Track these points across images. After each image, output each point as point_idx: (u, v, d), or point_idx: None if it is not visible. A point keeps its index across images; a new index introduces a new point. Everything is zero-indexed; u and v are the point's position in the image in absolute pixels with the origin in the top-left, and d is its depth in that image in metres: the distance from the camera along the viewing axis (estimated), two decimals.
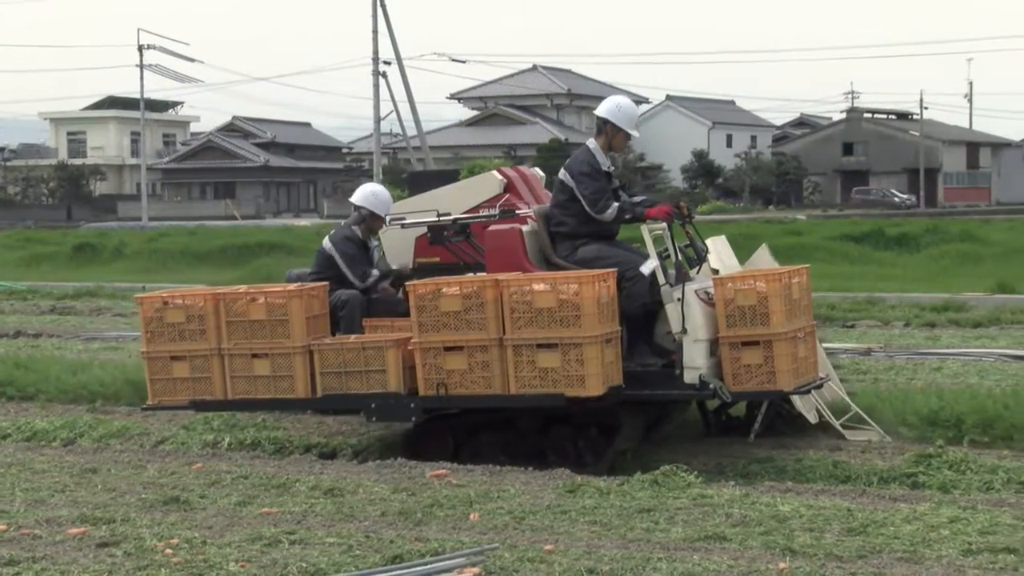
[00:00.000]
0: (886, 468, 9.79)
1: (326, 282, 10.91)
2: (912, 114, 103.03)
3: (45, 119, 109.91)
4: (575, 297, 9.56)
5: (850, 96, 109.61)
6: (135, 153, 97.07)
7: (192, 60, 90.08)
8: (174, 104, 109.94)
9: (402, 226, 11.23)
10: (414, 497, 8.91)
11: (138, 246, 41.29)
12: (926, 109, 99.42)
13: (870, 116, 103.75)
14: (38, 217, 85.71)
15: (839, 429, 11.03)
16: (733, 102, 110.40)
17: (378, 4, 54.90)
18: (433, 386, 9.94)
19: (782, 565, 7.07)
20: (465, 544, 7.61)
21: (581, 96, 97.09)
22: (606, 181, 10.52)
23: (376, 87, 57.14)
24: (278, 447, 11.23)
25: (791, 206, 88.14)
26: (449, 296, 9.86)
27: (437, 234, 10.90)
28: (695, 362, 9.80)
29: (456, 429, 10.59)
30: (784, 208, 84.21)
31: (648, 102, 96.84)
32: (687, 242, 10.38)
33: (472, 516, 8.34)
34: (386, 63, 56.00)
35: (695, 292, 9.92)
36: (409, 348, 10.05)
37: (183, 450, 11.21)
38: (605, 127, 10.62)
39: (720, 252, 11.10)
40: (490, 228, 10.57)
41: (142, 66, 78.02)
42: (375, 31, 56.59)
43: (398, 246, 11.36)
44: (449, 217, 10.90)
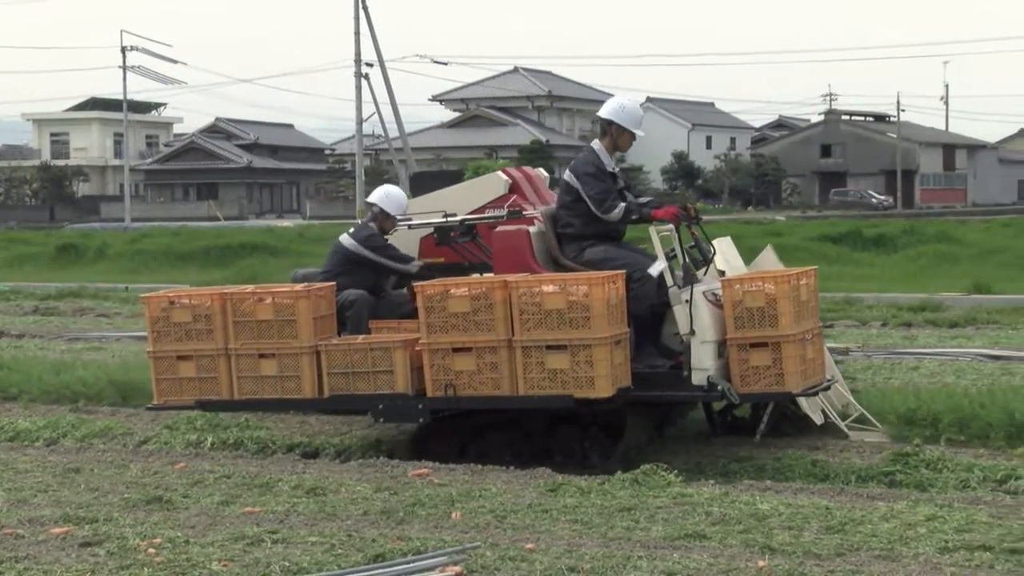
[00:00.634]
0: (864, 467, 9.85)
1: (333, 282, 10.89)
2: (889, 116, 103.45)
3: (28, 120, 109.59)
4: (585, 298, 9.52)
5: (828, 98, 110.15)
6: (118, 154, 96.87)
7: (175, 62, 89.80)
8: (157, 105, 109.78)
9: (409, 227, 11.24)
10: (396, 496, 8.94)
11: (121, 247, 41.19)
12: (903, 111, 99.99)
13: (848, 118, 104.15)
14: (21, 218, 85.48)
15: (844, 430, 11.05)
16: (713, 104, 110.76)
17: (360, 6, 54.90)
18: (441, 387, 9.90)
19: (761, 563, 7.13)
20: (447, 543, 7.64)
21: (562, 98, 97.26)
22: (611, 182, 10.46)
23: (358, 89, 57.11)
24: (261, 446, 11.24)
25: (770, 207, 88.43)
26: (458, 297, 9.82)
27: (444, 235, 10.90)
28: (703, 364, 9.77)
29: (462, 429, 10.54)
30: (763, 209, 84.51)
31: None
32: (692, 243, 10.32)
33: (454, 515, 8.38)
34: (368, 65, 55.99)
35: (703, 294, 9.93)
36: (417, 349, 10.02)
37: (166, 450, 11.22)
38: (609, 128, 10.57)
39: (726, 253, 11.04)
40: (498, 229, 10.53)
41: (125, 67, 77.89)
42: (357, 33, 56.58)
43: (402, 247, 11.35)
44: (457, 218, 10.90)
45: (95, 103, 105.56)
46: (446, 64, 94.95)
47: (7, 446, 11.61)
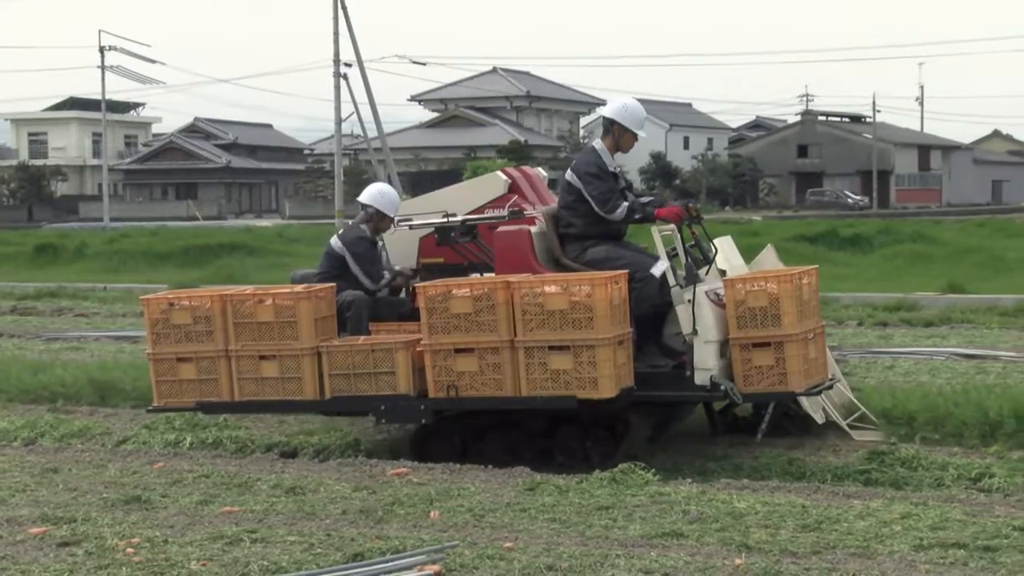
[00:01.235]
0: (840, 465, 9.91)
1: (333, 283, 10.88)
2: (865, 117, 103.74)
3: (6, 120, 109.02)
4: (587, 299, 9.48)
5: (805, 99, 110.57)
6: (96, 154, 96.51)
7: (154, 61, 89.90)
8: (136, 105, 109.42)
9: (410, 227, 11.21)
10: (375, 495, 8.96)
11: (99, 247, 41.05)
12: (879, 112, 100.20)
13: (824, 119, 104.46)
14: None
15: (846, 429, 11.08)
16: (690, 105, 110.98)
17: (339, 6, 54.79)
18: (443, 388, 9.87)
19: (738, 561, 7.17)
20: (425, 542, 7.67)
21: (540, 98, 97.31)
22: (614, 181, 10.46)
23: (337, 89, 56.93)
24: (240, 446, 11.24)
25: (747, 207, 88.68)
26: (460, 298, 9.78)
27: (444, 235, 10.88)
28: (706, 363, 9.76)
29: (463, 430, 10.48)
30: (740, 209, 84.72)
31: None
32: (692, 242, 10.30)
33: (432, 514, 8.40)
34: (347, 65, 55.80)
35: (705, 293, 9.93)
36: (419, 350, 9.98)
37: (145, 449, 11.21)
38: (612, 128, 10.58)
39: (727, 253, 11.04)
40: (499, 229, 10.51)
41: (103, 67, 77.48)
42: (336, 33, 56.43)
43: (402, 246, 11.34)
44: (458, 218, 10.87)
45: (73, 103, 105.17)
46: (425, 64, 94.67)
47: None
